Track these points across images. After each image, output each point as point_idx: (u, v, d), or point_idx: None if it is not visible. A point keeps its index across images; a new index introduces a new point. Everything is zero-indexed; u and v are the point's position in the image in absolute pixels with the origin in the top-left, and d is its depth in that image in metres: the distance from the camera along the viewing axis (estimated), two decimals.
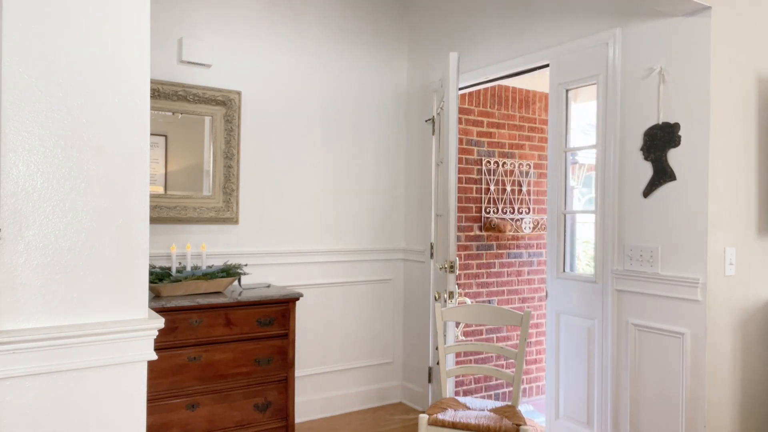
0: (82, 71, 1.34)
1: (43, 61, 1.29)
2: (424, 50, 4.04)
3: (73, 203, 1.33)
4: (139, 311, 1.41)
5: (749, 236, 2.62)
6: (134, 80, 1.40)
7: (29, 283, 1.28)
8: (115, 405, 1.37)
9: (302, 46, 3.72)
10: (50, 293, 1.30)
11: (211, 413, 2.88)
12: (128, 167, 1.39)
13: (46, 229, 1.30)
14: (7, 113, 1.26)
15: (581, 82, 3.01)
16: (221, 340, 2.91)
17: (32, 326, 1.28)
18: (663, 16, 2.59)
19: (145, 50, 1.41)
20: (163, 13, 3.21)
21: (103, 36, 1.36)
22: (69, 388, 1.31)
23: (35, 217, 1.29)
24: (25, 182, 1.28)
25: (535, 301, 4.65)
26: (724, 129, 2.50)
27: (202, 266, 3.14)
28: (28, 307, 1.28)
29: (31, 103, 1.28)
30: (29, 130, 1.28)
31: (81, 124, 1.33)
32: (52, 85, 1.30)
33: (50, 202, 1.31)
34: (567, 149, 3.14)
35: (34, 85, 1.28)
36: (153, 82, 3.13)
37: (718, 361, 2.52)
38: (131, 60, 1.39)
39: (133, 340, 1.38)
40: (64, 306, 1.32)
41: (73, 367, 1.31)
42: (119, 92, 1.38)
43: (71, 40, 1.32)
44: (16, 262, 1.27)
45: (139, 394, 1.40)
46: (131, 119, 1.40)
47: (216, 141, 3.40)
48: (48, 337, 1.27)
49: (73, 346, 1.31)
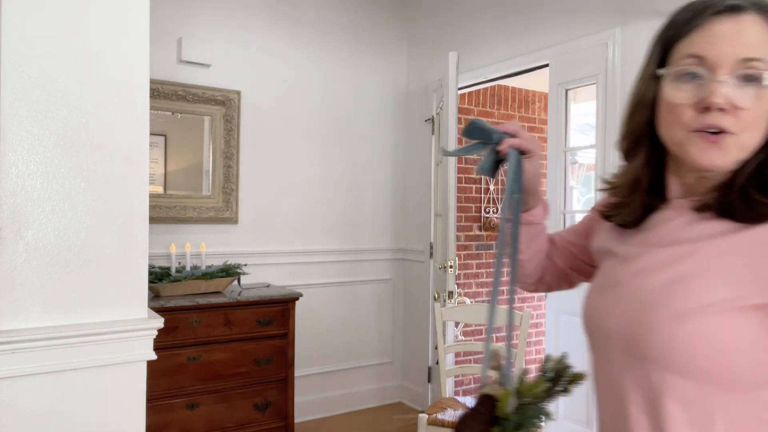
0: (82, 71, 1.33)
1: (43, 60, 1.29)
2: (424, 50, 4.04)
3: (73, 203, 1.33)
4: (138, 311, 1.41)
5: None
6: (134, 80, 1.40)
7: (29, 283, 1.28)
8: (115, 405, 1.37)
9: (302, 46, 3.72)
10: (50, 293, 1.30)
11: (210, 413, 2.88)
12: (128, 167, 1.39)
13: (45, 228, 1.30)
14: (7, 113, 1.26)
15: (581, 82, 3.01)
16: (221, 340, 2.91)
17: (31, 326, 1.28)
18: (662, 15, 2.59)
19: (144, 50, 1.41)
20: (162, 13, 3.21)
21: (103, 36, 1.36)
22: (68, 388, 1.31)
23: (35, 216, 1.29)
24: (25, 182, 1.28)
25: (535, 301, 4.65)
26: None
27: (201, 266, 3.13)
28: (28, 306, 1.28)
29: (30, 102, 1.28)
30: (28, 130, 1.28)
31: (80, 123, 1.33)
32: (52, 85, 1.30)
33: (50, 202, 1.30)
34: (566, 149, 3.14)
35: (33, 84, 1.28)
36: (152, 81, 3.13)
37: None
38: (131, 59, 1.39)
39: (133, 340, 1.38)
40: (64, 306, 1.32)
41: (72, 366, 1.31)
42: (119, 92, 1.38)
43: (71, 39, 1.32)
44: (15, 262, 1.26)
45: (139, 393, 1.40)
46: (131, 119, 1.39)
47: (215, 141, 3.40)
48: (47, 337, 1.27)
49: (73, 345, 1.30)
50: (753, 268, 0.69)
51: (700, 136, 0.72)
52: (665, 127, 0.76)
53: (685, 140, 0.74)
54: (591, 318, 0.83)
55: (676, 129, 0.74)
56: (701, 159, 0.73)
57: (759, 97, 0.70)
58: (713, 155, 0.72)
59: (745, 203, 0.72)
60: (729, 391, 0.69)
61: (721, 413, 0.69)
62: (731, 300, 0.68)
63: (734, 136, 0.71)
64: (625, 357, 0.76)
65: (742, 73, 0.70)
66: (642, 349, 0.72)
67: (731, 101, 0.70)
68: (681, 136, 0.74)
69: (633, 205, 0.82)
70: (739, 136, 0.71)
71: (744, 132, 0.71)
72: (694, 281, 0.71)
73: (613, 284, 0.80)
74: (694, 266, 0.72)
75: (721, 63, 0.71)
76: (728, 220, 0.73)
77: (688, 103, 0.73)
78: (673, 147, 0.77)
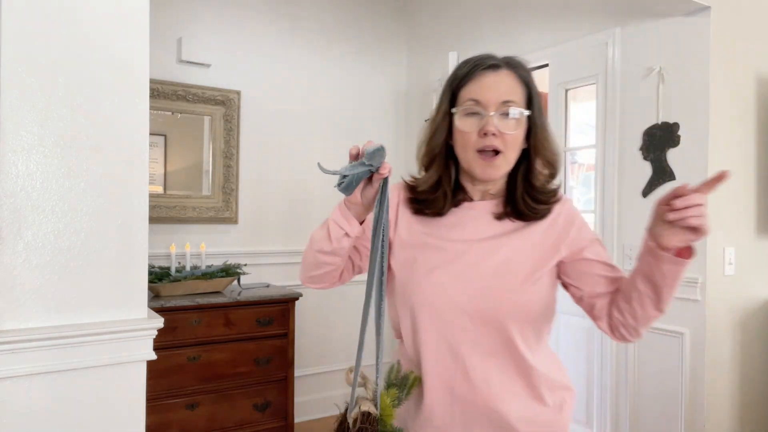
0: (82, 71, 1.33)
1: (43, 60, 1.29)
2: (424, 50, 4.04)
3: (73, 203, 1.33)
4: (138, 311, 1.41)
5: (748, 236, 2.62)
6: (134, 80, 1.40)
7: (28, 283, 1.28)
8: (115, 405, 1.37)
9: (301, 46, 3.71)
10: (49, 293, 1.30)
11: (210, 413, 2.88)
12: (127, 167, 1.39)
13: (45, 228, 1.30)
14: (6, 112, 1.26)
15: (580, 82, 3.01)
16: (221, 340, 2.91)
17: (31, 326, 1.28)
18: (662, 15, 2.59)
19: (144, 50, 1.41)
20: (162, 13, 3.21)
21: (103, 35, 1.36)
22: (68, 388, 1.31)
23: (34, 216, 1.29)
24: (24, 182, 1.28)
25: None
26: (723, 129, 2.50)
27: (201, 266, 3.13)
28: (27, 306, 1.28)
29: (30, 102, 1.28)
30: (28, 130, 1.28)
31: (80, 123, 1.33)
32: (52, 85, 1.30)
33: (49, 202, 1.30)
34: (566, 149, 3.14)
35: (33, 84, 1.28)
36: (152, 81, 3.13)
37: (718, 361, 2.52)
38: (131, 59, 1.39)
39: (133, 340, 1.38)
40: (63, 306, 1.31)
41: (72, 366, 1.31)
42: (119, 92, 1.38)
43: (71, 39, 1.32)
44: (15, 262, 1.26)
45: (139, 393, 1.40)
46: (131, 119, 1.39)
47: (215, 141, 3.39)
48: (47, 337, 1.27)
49: (72, 345, 1.30)
50: (544, 245, 1.10)
51: (481, 157, 1.07)
52: (460, 149, 1.10)
53: (472, 160, 1.08)
54: (441, 296, 1.07)
55: (467, 149, 1.08)
56: (482, 174, 1.08)
57: (515, 126, 1.07)
58: (490, 171, 1.08)
59: (529, 210, 1.11)
60: (544, 321, 1.12)
61: (541, 335, 1.12)
62: (539, 269, 1.08)
63: (503, 153, 1.07)
64: (472, 320, 1.06)
65: (503, 111, 1.06)
66: (492, 312, 1.06)
67: (499, 129, 1.05)
68: (470, 156, 1.08)
69: (439, 203, 1.12)
70: (506, 153, 1.07)
71: (509, 150, 1.07)
72: (514, 263, 1.08)
73: (457, 272, 1.08)
74: (510, 253, 1.09)
75: (490, 104, 1.06)
76: (519, 220, 1.12)
77: (473, 131, 1.07)
78: (464, 164, 1.10)
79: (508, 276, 1.07)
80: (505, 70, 1.09)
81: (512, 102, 1.06)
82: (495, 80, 1.07)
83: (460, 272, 1.08)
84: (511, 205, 1.12)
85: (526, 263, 1.08)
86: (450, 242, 1.11)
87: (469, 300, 1.06)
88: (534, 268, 1.08)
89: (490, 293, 1.06)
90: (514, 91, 1.07)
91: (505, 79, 1.08)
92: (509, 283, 1.07)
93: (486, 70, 1.08)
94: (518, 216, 1.11)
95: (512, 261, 1.08)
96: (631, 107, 2.73)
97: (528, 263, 1.08)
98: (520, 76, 1.10)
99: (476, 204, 1.14)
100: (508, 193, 1.13)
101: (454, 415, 1.09)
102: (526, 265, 1.08)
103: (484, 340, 1.07)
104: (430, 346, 1.09)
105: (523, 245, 1.10)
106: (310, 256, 1.13)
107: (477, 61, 1.10)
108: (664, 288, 1.00)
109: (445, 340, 1.08)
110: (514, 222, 1.12)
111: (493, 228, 1.11)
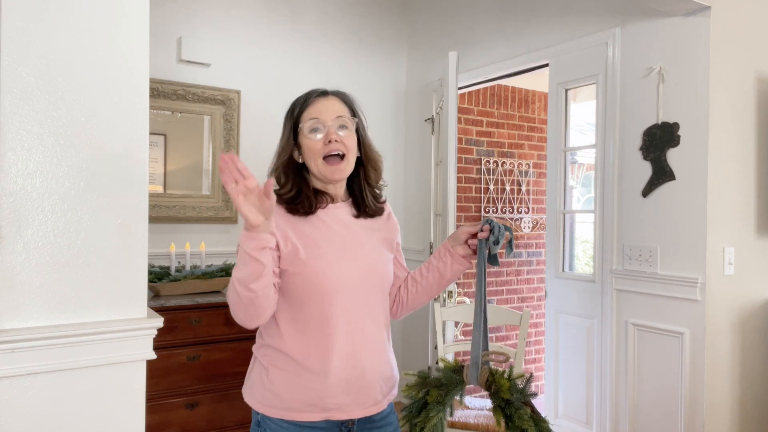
0: (82, 70, 1.33)
1: (43, 60, 1.29)
2: (424, 49, 4.04)
3: (72, 202, 1.33)
4: (138, 310, 1.41)
5: (748, 236, 2.63)
6: (133, 79, 1.40)
7: (28, 282, 1.28)
8: (114, 404, 1.37)
9: (301, 46, 3.72)
10: (49, 292, 1.30)
11: (210, 412, 2.88)
12: (127, 166, 1.39)
13: (45, 228, 1.30)
14: (6, 112, 1.26)
15: (581, 82, 3.01)
16: (220, 339, 2.91)
17: (31, 325, 1.28)
18: (662, 15, 2.59)
19: (144, 49, 1.41)
20: (162, 13, 3.21)
21: (103, 35, 1.36)
22: (68, 388, 1.31)
23: (34, 216, 1.29)
24: (24, 181, 1.28)
25: (534, 301, 4.65)
26: (723, 129, 2.50)
27: (201, 265, 3.13)
28: (27, 306, 1.28)
29: (30, 102, 1.28)
30: (28, 129, 1.28)
31: (80, 123, 1.33)
32: (52, 85, 1.30)
33: (49, 201, 1.30)
34: (566, 149, 3.14)
35: (33, 84, 1.28)
36: (152, 81, 3.13)
37: (717, 361, 2.52)
38: (131, 59, 1.39)
39: (132, 340, 1.38)
40: (63, 305, 1.31)
41: (71, 366, 1.31)
42: (119, 91, 1.38)
43: (71, 39, 1.32)
44: (14, 261, 1.26)
45: (138, 393, 1.40)
46: (130, 118, 1.39)
47: (215, 140, 3.39)
48: (47, 336, 1.27)
49: (72, 345, 1.30)
50: (388, 236, 1.47)
51: (328, 163, 1.34)
52: (310, 160, 1.36)
53: (321, 166, 1.34)
54: (334, 277, 1.31)
55: (316, 158, 1.34)
56: (332, 176, 1.35)
57: (350, 135, 1.37)
58: (337, 173, 1.35)
59: (375, 208, 1.45)
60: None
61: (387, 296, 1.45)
62: (388, 253, 1.45)
63: (345, 157, 1.35)
64: (358, 294, 1.35)
65: (339, 123, 1.36)
66: (371, 285, 1.38)
67: (339, 136, 1.34)
68: (319, 163, 1.34)
69: (305, 205, 1.36)
70: (348, 156, 1.36)
71: (350, 153, 1.36)
72: (376, 249, 1.41)
73: (341, 258, 1.34)
74: (373, 242, 1.41)
75: (328, 118, 1.35)
76: (369, 217, 1.44)
77: (319, 141, 1.34)
78: (315, 171, 1.36)
79: (378, 258, 1.41)
80: (332, 96, 1.40)
81: (343, 116, 1.37)
82: (327, 103, 1.37)
83: (341, 258, 1.36)
84: (362, 205, 1.43)
85: (380, 247, 1.43)
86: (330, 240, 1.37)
87: (357, 277, 1.36)
88: (386, 251, 1.44)
89: (369, 271, 1.38)
90: (342, 109, 1.38)
91: (333, 102, 1.38)
92: (379, 262, 1.41)
93: (318, 96, 1.38)
94: (367, 214, 1.44)
95: (374, 246, 1.42)
96: (631, 107, 2.73)
97: (382, 248, 1.43)
98: (344, 100, 1.41)
99: (338, 205, 1.42)
100: (355, 197, 1.44)
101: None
102: (380, 248, 1.43)
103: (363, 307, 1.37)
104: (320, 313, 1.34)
105: (375, 235, 1.43)
106: (242, 297, 1.20)
107: (310, 92, 1.40)
108: (449, 282, 1.47)
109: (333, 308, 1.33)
110: (366, 219, 1.44)
111: (356, 223, 1.42)
